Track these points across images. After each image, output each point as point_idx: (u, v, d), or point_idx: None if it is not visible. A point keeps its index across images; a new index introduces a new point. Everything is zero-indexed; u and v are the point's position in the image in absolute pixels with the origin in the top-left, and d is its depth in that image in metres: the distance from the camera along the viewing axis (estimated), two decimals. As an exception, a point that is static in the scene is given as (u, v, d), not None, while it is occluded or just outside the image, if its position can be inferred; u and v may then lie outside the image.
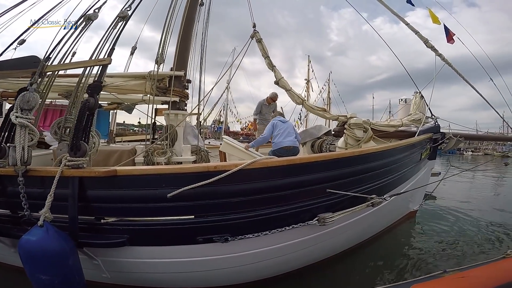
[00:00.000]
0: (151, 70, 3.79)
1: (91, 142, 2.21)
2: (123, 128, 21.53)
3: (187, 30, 4.35)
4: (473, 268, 2.12)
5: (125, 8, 2.68)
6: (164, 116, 3.90)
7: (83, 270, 1.98)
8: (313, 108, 3.93)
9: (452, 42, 5.27)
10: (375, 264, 3.22)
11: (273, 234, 2.20)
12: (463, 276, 1.95)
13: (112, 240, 2.05)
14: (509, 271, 2.03)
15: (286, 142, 4.11)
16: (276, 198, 2.19)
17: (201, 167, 2.02)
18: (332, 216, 2.37)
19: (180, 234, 2.08)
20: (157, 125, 4.85)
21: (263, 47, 3.77)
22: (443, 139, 4.32)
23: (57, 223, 1.88)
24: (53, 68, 2.33)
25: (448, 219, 5.08)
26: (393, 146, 3.14)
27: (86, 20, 2.67)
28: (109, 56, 2.28)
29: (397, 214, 4.25)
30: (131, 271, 2.29)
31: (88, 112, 2.05)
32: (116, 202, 2.04)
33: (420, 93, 4.63)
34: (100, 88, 2.17)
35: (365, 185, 2.70)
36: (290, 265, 2.66)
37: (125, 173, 2.00)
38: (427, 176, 4.68)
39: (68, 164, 1.96)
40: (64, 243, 1.84)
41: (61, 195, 1.91)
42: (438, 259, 3.36)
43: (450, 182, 7.39)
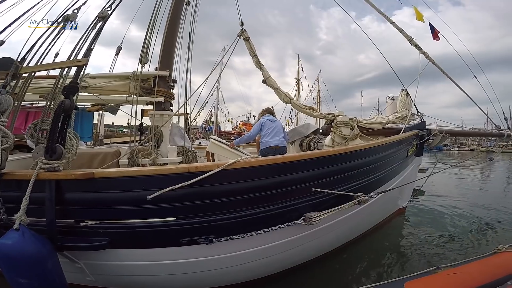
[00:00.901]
0: (135, 70, 3.73)
1: (68, 145, 2.14)
2: (112, 129, 21.19)
3: (172, 29, 4.29)
4: (465, 264, 2.14)
5: (105, 8, 2.62)
6: (149, 117, 3.83)
7: (66, 273, 1.95)
8: (300, 107, 3.92)
9: (438, 39, 5.34)
10: (366, 262, 3.22)
11: (259, 234, 2.17)
12: (456, 272, 1.96)
13: (92, 243, 2.00)
14: (501, 266, 2.06)
15: (273, 142, 4.08)
16: (261, 198, 2.16)
17: (181, 168, 1.98)
18: (319, 215, 2.36)
19: (162, 236, 2.04)
20: (144, 126, 4.77)
21: (251, 45, 3.74)
22: (429, 136, 4.38)
23: (36, 227, 1.85)
24: (28, 69, 2.26)
25: (437, 215, 5.16)
26: (378, 143, 3.15)
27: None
28: (86, 57, 2.21)
29: (386, 212, 4.28)
30: (115, 274, 2.24)
31: (63, 114, 1.98)
32: (95, 205, 2.00)
33: (406, 91, 4.68)
34: (76, 89, 2.10)
35: (351, 183, 2.70)
36: (278, 266, 2.64)
37: (102, 176, 1.95)
38: (415, 172, 4.73)
39: (44, 167, 1.92)
40: (42, 246, 1.81)
41: (38, 198, 1.87)
42: (429, 255, 3.38)
43: (438, 178, 7.50)
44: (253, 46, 3.75)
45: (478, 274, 1.96)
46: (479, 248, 3.59)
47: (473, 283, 1.85)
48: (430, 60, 4.61)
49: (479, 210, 5.54)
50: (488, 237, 4.07)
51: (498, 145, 5.97)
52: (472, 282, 1.86)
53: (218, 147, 3.87)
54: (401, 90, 4.94)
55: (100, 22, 2.54)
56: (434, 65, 4.66)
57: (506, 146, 6.90)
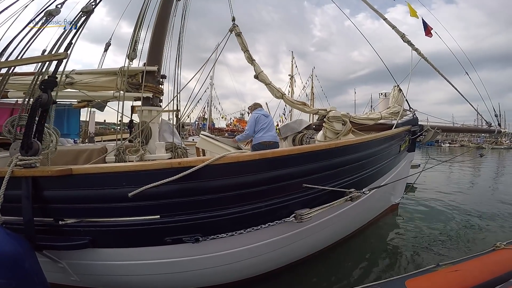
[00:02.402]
0: (122, 66, 3.62)
1: (47, 140, 2.05)
2: (103, 127, 20.88)
3: (161, 24, 4.20)
4: (465, 261, 2.13)
5: (90, 2, 2.54)
6: (137, 113, 3.73)
7: (49, 273, 1.87)
8: (293, 102, 3.86)
9: (430, 36, 5.33)
10: (360, 259, 3.18)
11: (248, 233, 2.11)
12: (456, 270, 1.96)
13: (73, 242, 1.93)
14: (500, 263, 2.06)
15: (266, 137, 4.02)
16: (249, 194, 2.09)
17: (163, 164, 1.89)
18: (310, 212, 2.30)
19: (146, 235, 1.97)
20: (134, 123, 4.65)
21: (242, 40, 3.67)
22: (421, 131, 4.37)
23: (13, 226, 1.77)
24: (4, 64, 2.17)
25: (430, 211, 5.17)
26: (370, 138, 3.11)
27: (47, 16, 2.53)
28: (66, 51, 2.11)
29: (378, 208, 4.26)
30: (99, 274, 2.17)
31: (41, 109, 1.88)
32: (75, 203, 1.91)
33: (398, 87, 4.66)
34: (54, 83, 2.00)
35: (343, 179, 2.65)
36: (268, 265, 2.58)
37: (81, 172, 1.86)
38: (407, 168, 4.72)
39: (19, 164, 1.83)
40: (18, 246, 1.72)
41: (15, 196, 1.80)
42: (425, 252, 3.37)
43: (429, 174, 7.55)
44: (245, 41, 3.68)
45: (478, 272, 1.96)
46: (473, 244, 3.59)
47: (473, 280, 1.85)
48: (422, 56, 4.60)
49: (470, 205, 5.58)
50: (483, 232, 4.08)
51: (488, 141, 6.03)
52: (473, 279, 1.86)
53: (208, 143, 3.80)
54: (394, 86, 4.93)
55: (84, 17, 2.47)
56: (426, 61, 4.66)
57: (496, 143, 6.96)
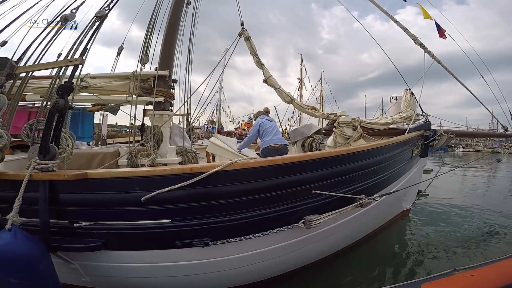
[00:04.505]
0: (134, 70, 3.70)
1: (63, 145, 2.11)
2: (115, 129, 21.27)
3: (172, 29, 4.26)
4: (483, 266, 2.09)
5: (103, 7, 2.60)
6: (149, 117, 3.80)
7: (61, 273, 1.94)
8: (302, 107, 3.85)
9: (444, 38, 5.24)
10: (375, 264, 3.15)
11: (256, 238, 2.12)
12: (474, 275, 1.92)
13: (86, 244, 1.98)
14: None
15: (275, 141, 4.02)
16: (259, 200, 2.10)
17: (176, 169, 1.93)
18: (319, 218, 2.30)
19: (157, 239, 2.00)
20: (145, 126, 4.75)
21: (251, 45, 3.68)
22: (434, 136, 4.29)
23: (30, 227, 1.82)
24: (24, 69, 2.25)
25: (442, 217, 5.05)
26: (382, 144, 3.07)
27: (62, 21, 2.60)
28: (82, 56, 2.18)
29: (389, 214, 4.19)
30: (110, 275, 2.21)
31: (58, 114, 1.95)
32: (89, 206, 1.96)
33: (410, 91, 4.59)
34: (71, 88, 2.06)
35: (353, 185, 2.63)
36: (277, 269, 2.58)
37: (96, 176, 1.91)
38: (419, 174, 4.63)
39: (37, 168, 1.89)
40: (34, 247, 1.79)
41: (32, 199, 1.85)
42: (441, 257, 3.32)
43: (442, 179, 7.38)
44: (254, 45, 3.70)
45: (496, 277, 1.92)
46: (489, 250, 3.51)
47: (491, 285, 1.82)
48: (435, 59, 4.52)
49: (486, 211, 5.43)
50: (500, 238, 3.98)
51: (505, 145, 5.85)
52: (490, 284, 1.83)
53: (218, 147, 3.83)
54: (405, 90, 4.86)
55: (98, 22, 2.53)
56: (440, 64, 4.58)
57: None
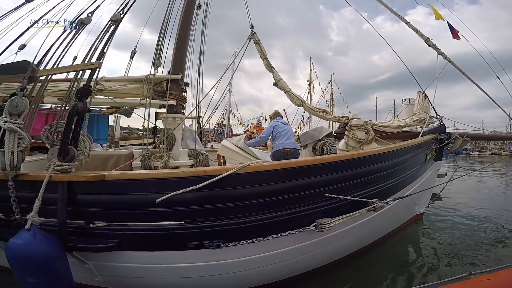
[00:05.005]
0: (148, 74, 3.77)
1: (81, 147, 2.17)
2: (127, 132, 21.67)
3: (184, 33, 4.33)
4: (499, 271, 2.04)
5: (118, 11, 2.66)
6: (162, 120, 3.86)
7: (75, 273, 1.96)
8: (313, 110, 3.83)
9: (458, 39, 5.13)
10: (388, 268, 3.10)
11: (267, 240, 2.13)
12: (490, 278, 1.88)
13: (101, 244, 2.02)
14: None
15: (287, 144, 4.01)
16: (270, 203, 2.11)
17: (190, 172, 1.96)
18: (331, 222, 2.29)
19: (170, 240, 2.03)
20: (157, 129, 4.81)
21: (261, 48, 3.69)
22: (449, 139, 4.20)
23: (48, 227, 1.87)
24: (44, 72, 2.31)
25: (456, 222, 4.93)
26: (396, 147, 3.03)
27: (79, 25, 2.66)
28: (99, 60, 2.24)
29: (402, 218, 4.12)
30: (123, 276, 2.25)
31: (77, 117, 2.00)
32: (105, 207, 2.01)
33: (424, 93, 4.51)
34: (89, 92, 2.13)
35: (366, 189, 2.61)
36: (287, 271, 2.57)
37: (113, 178, 1.96)
38: (433, 177, 4.54)
39: (57, 169, 1.94)
40: (52, 247, 1.83)
41: (51, 199, 1.89)
42: (456, 261, 3.26)
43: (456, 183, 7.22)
44: (264, 48, 3.70)
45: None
46: (505, 255, 3.41)
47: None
48: (449, 61, 4.41)
49: (502, 216, 5.26)
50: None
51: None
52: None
53: (229, 150, 3.85)
54: (418, 92, 4.77)
55: (113, 26, 2.58)
56: (454, 66, 4.48)
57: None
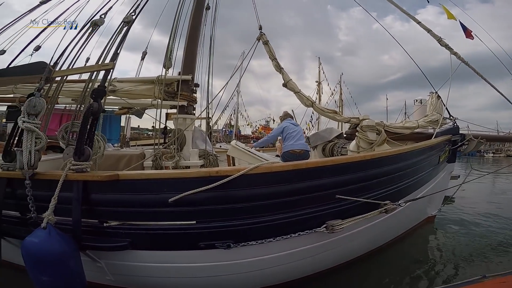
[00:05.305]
0: (159, 75, 3.82)
1: (96, 147, 2.21)
2: (137, 132, 22.01)
3: (194, 34, 4.36)
4: None
5: (130, 13, 2.69)
6: (173, 121, 3.90)
7: (86, 272, 1.97)
8: (323, 111, 3.80)
9: (472, 38, 5.02)
10: (400, 270, 3.08)
11: (277, 241, 2.12)
12: (504, 281, 1.83)
13: (114, 243, 2.04)
14: None
15: (297, 146, 3.99)
16: (281, 204, 2.10)
17: (202, 172, 1.97)
18: (342, 223, 2.27)
19: (182, 239, 2.04)
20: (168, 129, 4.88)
21: (270, 49, 3.69)
22: (463, 141, 4.11)
23: (62, 226, 1.88)
24: (59, 73, 2.36)
25: (471, 224, 4.82)
26: (408, 149, 2.98)
27: (92, 26, 2.69)
28: (113, 61, 2.28)
29: (414, 220, 4.06)
30: (134, 275, 2.27)
31: (92, 117, 2.04)
32: (119, 206, 2.03)
33: (437, 93, 4.42)
34: (104, 92, 2.16)
35: (378, 191, 2.57)
36: (297, 272, 2.56)
37: (126, 178, 1.98)
38: (446, 179, 4.46)
39: (72, 168, 1.97)
40: (66, 246, 1.84)
41: (66, 198, 1.91)
42: (469, 264, 3.22)
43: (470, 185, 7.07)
44: (273, 49, 3.69)
45: None
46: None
47: None
48: (462, 61, 4.32)
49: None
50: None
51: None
52: None
53: (239, 151, 3.86)
54: (431, 93, 4.69)
55: (126, 27, 2.60)
56: (467, 66, 4.38)
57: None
